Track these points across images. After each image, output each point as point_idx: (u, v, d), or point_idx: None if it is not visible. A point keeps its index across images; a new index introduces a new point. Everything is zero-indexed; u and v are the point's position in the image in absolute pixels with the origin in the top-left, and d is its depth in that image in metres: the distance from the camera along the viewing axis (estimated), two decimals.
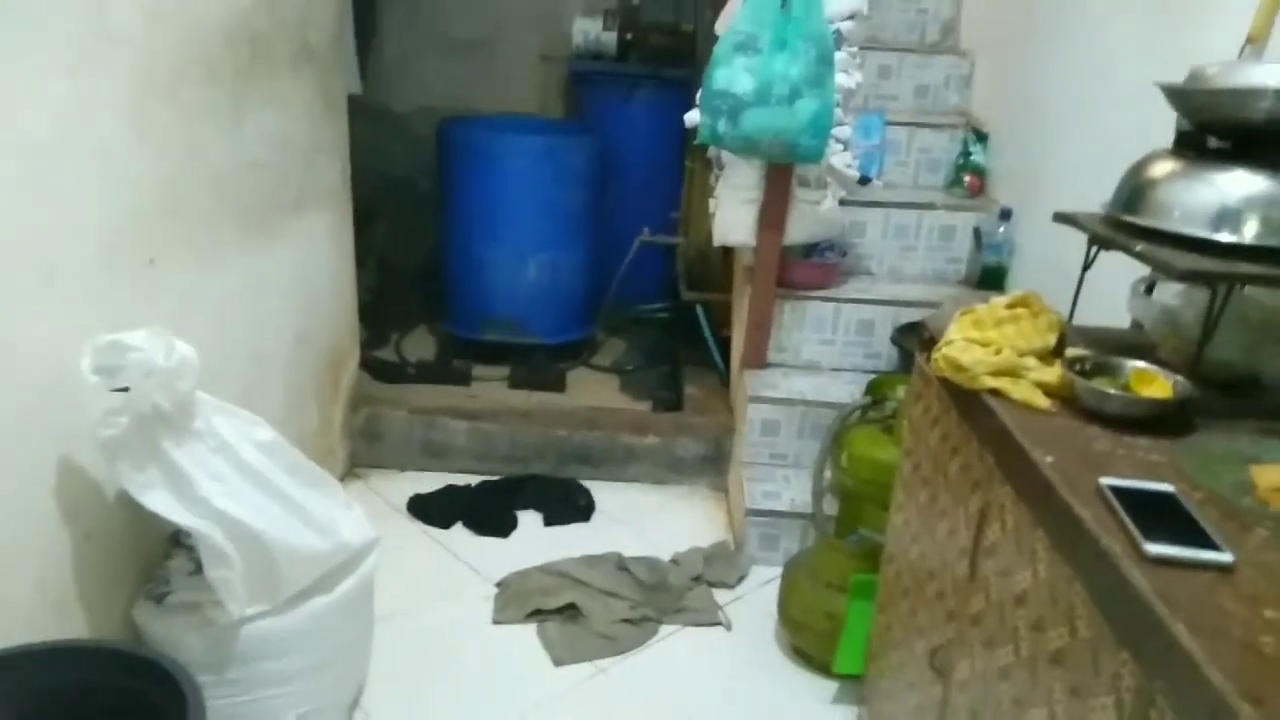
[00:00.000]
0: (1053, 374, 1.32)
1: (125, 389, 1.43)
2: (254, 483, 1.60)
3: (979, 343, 1.39)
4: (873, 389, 2.36)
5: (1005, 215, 2.76)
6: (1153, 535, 0.95)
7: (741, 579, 2.51)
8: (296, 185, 2.33)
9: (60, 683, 1.36)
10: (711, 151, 2.71)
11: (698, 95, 2.45)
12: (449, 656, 2.16)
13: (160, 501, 1.50)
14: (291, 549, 1.61)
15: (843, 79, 2.42)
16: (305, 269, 2.45)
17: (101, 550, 1.59)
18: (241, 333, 2.08)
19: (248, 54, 2.01)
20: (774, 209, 2.58)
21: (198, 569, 1.58)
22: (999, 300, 1.45)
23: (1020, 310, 1.41)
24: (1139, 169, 1.45)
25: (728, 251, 3.11)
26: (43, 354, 1.41)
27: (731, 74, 2.33)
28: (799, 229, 2.63)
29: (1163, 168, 1.42)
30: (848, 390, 2.63)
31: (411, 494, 2.79)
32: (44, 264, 1.40)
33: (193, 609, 1.60)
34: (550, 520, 2.73)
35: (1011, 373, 1.33)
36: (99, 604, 1.59)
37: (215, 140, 1.90)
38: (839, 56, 2.39)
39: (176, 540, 1.71)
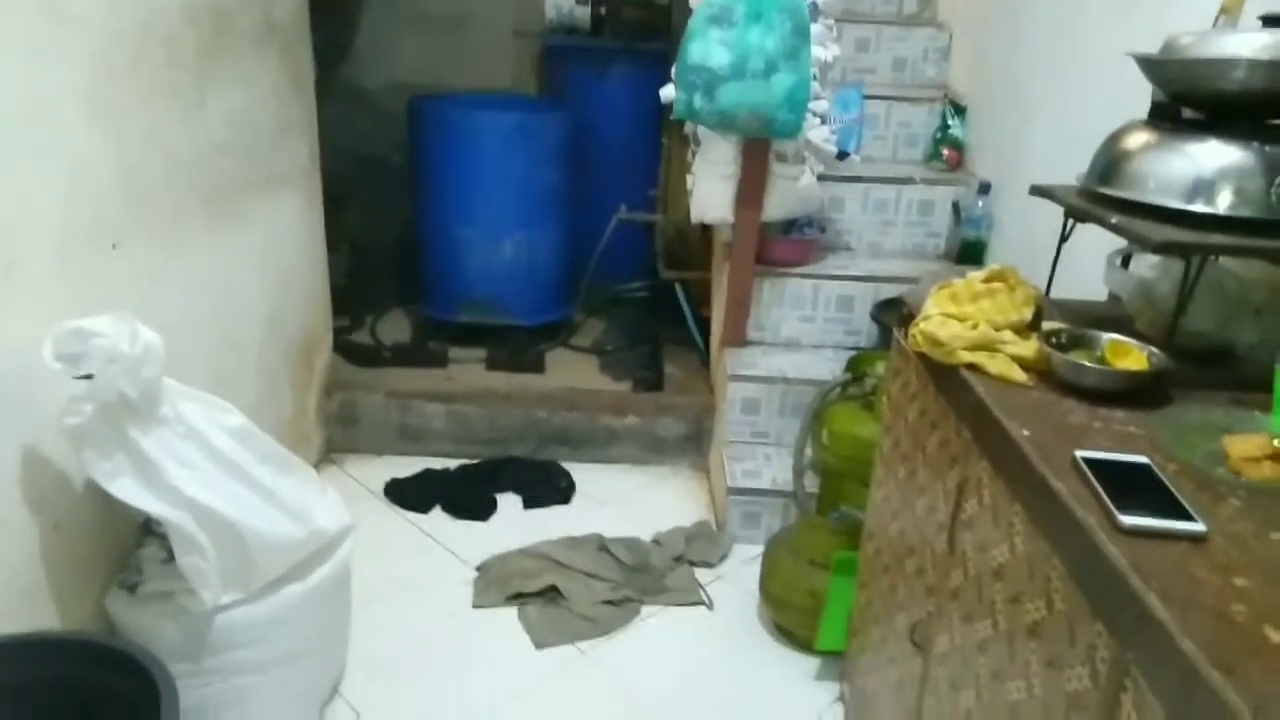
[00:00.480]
0: (1029, 348, 1.32)
1: (89, 376, 1.40)
2: (225, 469, 1.58)
3: (956, 317, 1.38)
4: (853, 365, 2.35)
5: (984, 189, 2.75)
6: (1127, 507, 0.96)
7: (723, 558, 2.51)
8: (264, 166, 2.29)
9: (31, 675, 1.34)
10: (688, 127, 2.68)
11: (673, 69, 2.42)
12: (429, 642, 2.15)
13: (128, 490, 1.47)
14: (265, 536, 1.59)
15: (819, 52, 2.39)
16: (275, 252, 2.41)
17: (71, 540, 1.56)
18: (210, 318, 2.05)
19: (210, 31, 1.96)
20: (751, 185, 2.57)
21: (170, 557, 1.56)
22: (976, 275, 1.44)
23: (997, 284, 1.40)
24: (1114, 140, 1.45)
25: (706, 229, 3.09)
26: (4, 343, 1.38)
27: (706, 47, 2.31)
28: (777, 205, 2.61)
29: (1138, 139, 1.41)
30: (828, 367, 2.62)
31: (389, 478, 2.77)
32: (4, 254, 1.37)
33: (166, 598, 1.59)
34: (530, 503, 2.72)
35: (988, 347, 1.33)
36: (70, 594, 1.57)
37: (178, 122, 1.86)
38: (815, 29, 2.37)
39: (148, 529, 1.68)
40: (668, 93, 2.46)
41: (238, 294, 2.19)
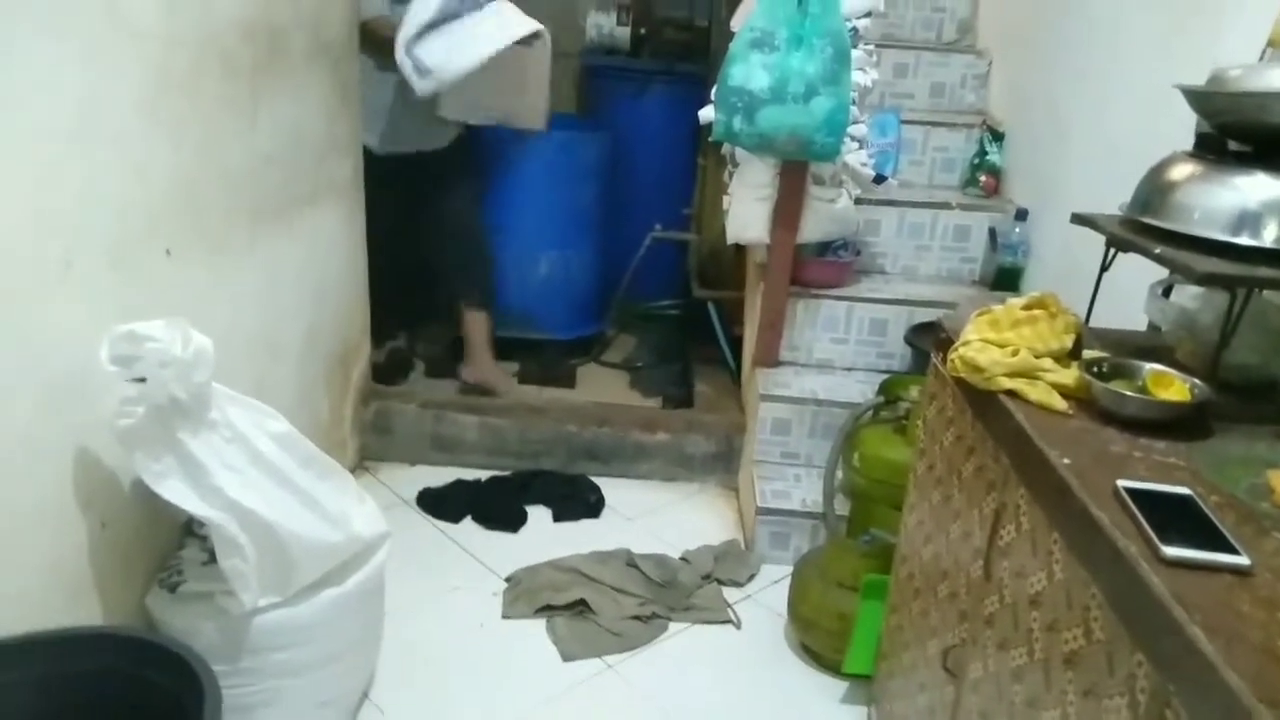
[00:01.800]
0: (1070, 376, 1.32)
1: (142, 379, 1.44)
2: (267, 474, 1.61)
3: (996, 344, 1.38)
4: (885, 389, 2.35)
5: (1021, 216, 2.75)
6: (1170, 538, 0.95)
7: (752, 577, 2.51)
8: (310, 180, 2.34)
9: (77, 668, 1.37)
10: (725, 148, 2.70)
11: (712, 91, 2.45)
12: (458, 650, 2.17)
13: (175, 491, 1.50)
14: (304, 540, 1.62)
15: (859, 77, 2.41)
16: (318, 263, 2.45)
17: (117, 539, 1.60)
18: (255, 325, 2.09)
19: (266, 48, 2.01)
20: (788, 207, 2.58)
21: (211, 559, 1.58)
22: (1016, 301, 1.44)
23: (1037, 311, 1.41)
24: (1158, 171, 1.45)
25: (740, 249, 3.10)
26: (61, 344, 1.42)
27: (747, 70, 2.33)
28: (813, 227, 2.62)
29: (1182, 170, 1.41)
30: (860, 390, 2.63)
31: (421, 488, 2.79)
32: (61, 254, 1.41)
33: (205, 598, 1.61)
34: (559, 516, 2.73)
35: (1028, 374, 1.33)
36: (113, 592, 1.60)
37: (232, 134, 1.90)
38: (855, 54, 2.39)
39: (190, 530, 1.72)
40: (706, 114, 2.48)
41: (281, 303, 2.23)
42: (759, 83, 2.32)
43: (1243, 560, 0.93)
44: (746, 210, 2.64)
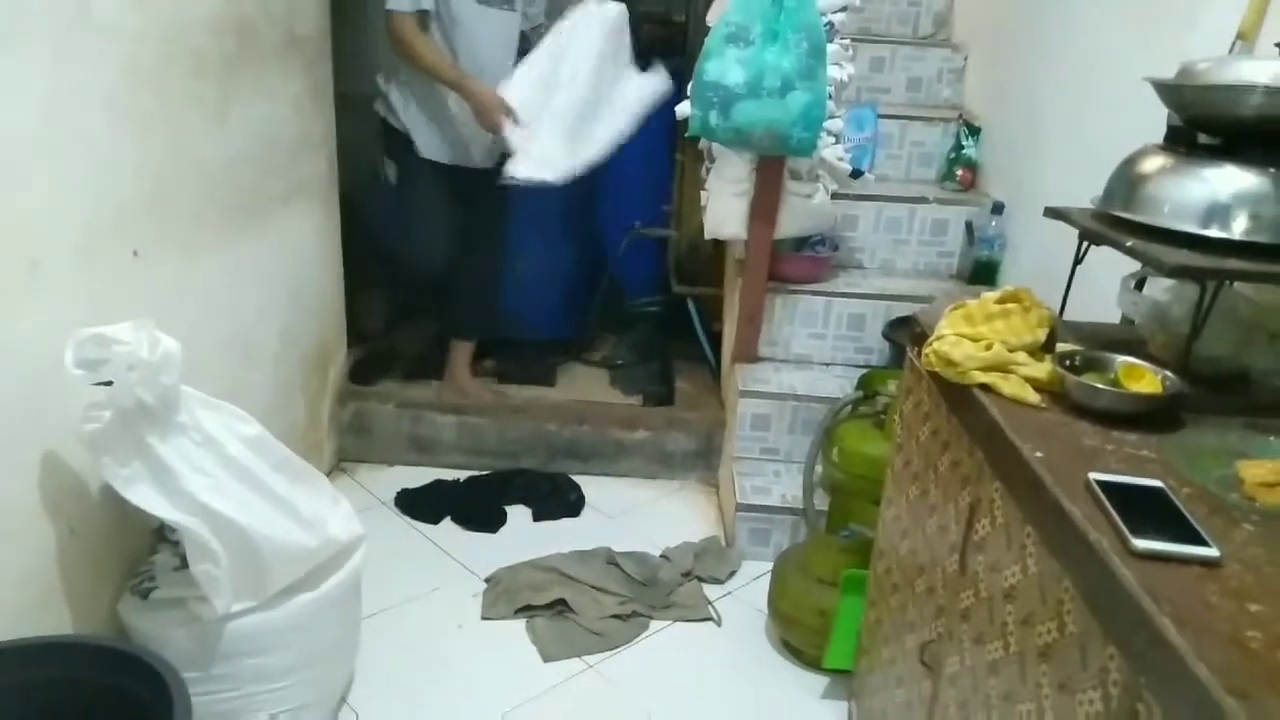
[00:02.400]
0: (1043, 369, 1.32)
1: (109, 383, 1.42)
2: (239, 477, 1.59)
3: (969, 338, 1.38)
4: (864, 383, 2.36)
5: (998, 209, 2.76)
6: (1141, 530, 0.96)
7: (732, 574, 2.51)
8: (283, 178, 2.32)
9: (46, 678, 1.36)
10: (703, 144, 2.69)
11: (689, 87, 2.44)
12: (437, 653, 2.15)
13: (144, 496, 1.48)
14: (278, 544, 1.60)
15: (835, 71, 2.41)
16: (292, 263, 2.43)
17: (86, 545, 1.58)
18: (227, 327, 2.06)
19: (235, 44, 1.99)
20: (765, 202, 2.58)
21: (183, 564, 1.57)
22: (990, 295, 1.44)
23: (1011, 305, 1.41)
24: (1130, 164, 1.45)
25: (719, 245, 3.10)
26: (26, 347, 1.40)
27: (723, 66, 2.33)
28: (790, 222, 2.62)
29: (1153, 163, 1.42)
30: (839, 385, 2.63)
31: (399, 489, 2.78)
32: (26, 256, 1.39)
33: (178, 604, 1.59)
34: (539, 515, 2.72)
35: (1002, 368, 1.33)
36: (84, 599, 1.58)
37: (201, 132, 1.88)
38: (831, 49, 2.38)
39: (162, 535, 1.70)
40: (683, 109, 2.47)
41: (254, 303, 2.21)
42: (734, 78, 2.32)
43: (1212, 552, 0.93)
44: (724, 206, 2.63)
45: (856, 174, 2.71)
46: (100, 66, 1.53)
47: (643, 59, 3.53)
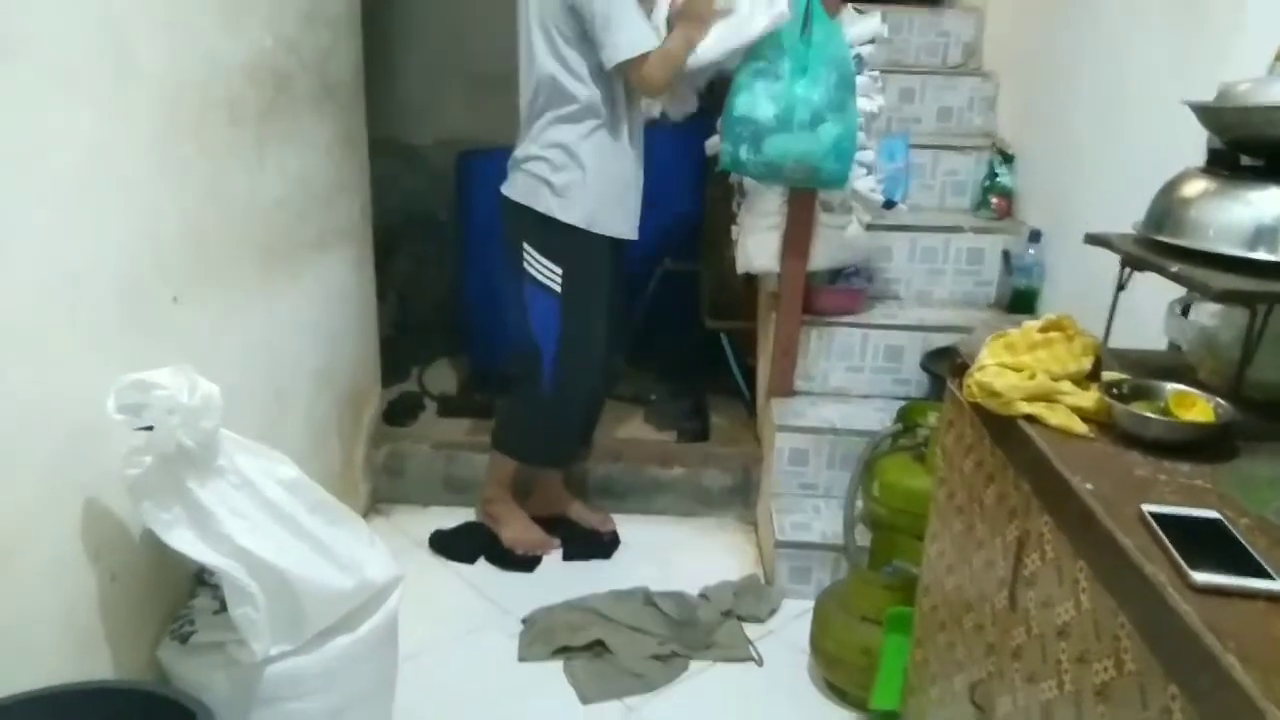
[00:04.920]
0: (1089, 399, 1.29)
1: (149, 428, 1.43)
2: (277, 520, 1.59)
3: (1012, 367, 1.35)
4: (903, 416, 2.32)
5: (1035, 237, 2.73)
6: (1199, 563, 0.93)
7: (773, 613, 2.46)
8: (317, 223, 2.35)
9: None
10: (734, 178, 2.70)
11: (719, 122, 2.45)
12: (475, 694, 2.13)
13: (184, 540, 1.49)
14: (315, 587, 1.60)
15: (865, 103, 2.41)
16: (327, 306, 2.45)
17: (127, 590, 1.58)
18: (263, 371, 2.08)
19: (271, 91, 2.03)
20: (798, 235, 2.57)
21: (222, 608, 1.56)
22: (1032, 324, 1.42)
23: (1054, 334, 1.38)
24: (1171, 188, 1.43)
25: (751, 279, 3.08)
26: (67, 394, 1.41)
27: (753, 100, 2.33)
28: (824, 254, 2.61)
29: (1195, 186, 1.39)
30: (877, 418, 2.59)
31: (434, 530, 2.77)
32: (68, 301, 1.41)
33: (217, 648, 1.59)
34: (569, 555, 2.70)
35: (1047, 398, 1.30)
36: (124, 644, 1.58)
37: (238, 179, 1.91)
38: (861, 81, 2.38)
39: (201, 579, 1.70)
40: (713, 144, 2.48)
41: (290, 347, 2.23)
42: (765, 111, 2.32)
43: (1277, 585, 0.90)
44: (756, 240, 2.63)
45: (889, 204, 2.69)
46: (141, 115, 1.56)
47: None
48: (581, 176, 2.33)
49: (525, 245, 2.41)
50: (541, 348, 2.47)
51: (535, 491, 2.78)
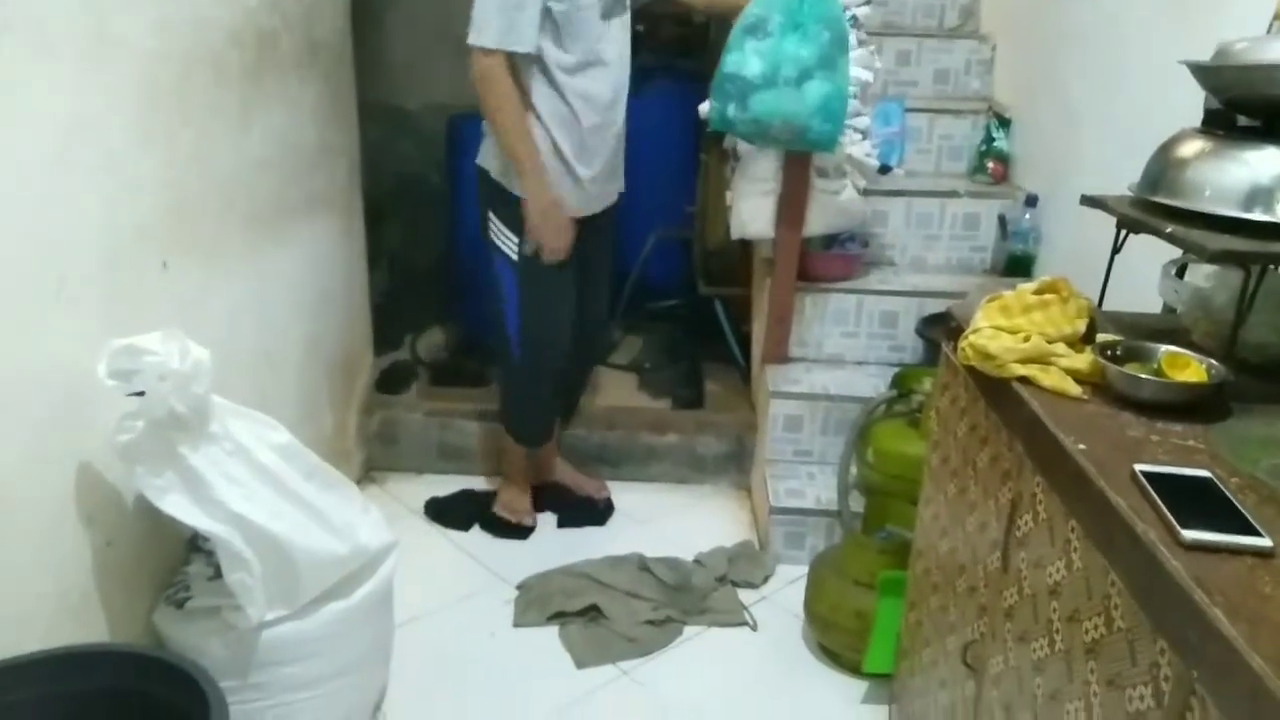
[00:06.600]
0: (1083, 360, 1.29)
1: (141, 393, 1.42)
2: (271, 486, 1.59)
3: (1007, 330, 1.35)
4: (898, 382, 2.32)
5: (1031, 202, 2.72)
6: (1190, 521, 0.93)
7: (767, 578, 2.48)
8: (305, 186, 2.32)
9: (85, 687, 1.35)
10: (728, 142, 2.67)
11: (711, 85, 2.42)
12: (470, 660, 2.14)
13: (178, 506, 1.49)
14: (310, 552, 1.60)
15: (861, 74, 2.37)
16: (316, 271, 2.43)
17: (121, 556, 1.58)
18: (253, 336, 2.07)
19: (254, 53, 2.00)
20: (793, 200, 2.55)
21: (217, 574, 1.57)
22: (1026, 286, 1.41)
23: (1049, 296, 1.38)
24: (1168, 149, 1.42)
25: (745, 245, 3.07)
26: (58, 361, 1.40)
27: (741, 57, 2.30)
28: (819, 220, 2.59)
29: (1192, 147, 1.38)
30: (872, 384, 2.59)
31: (428, 497, 2.77)
32: (55, 271, 1.39)
33: (212, 614, 1.60)
34: (564, 523, 2.70)
35: (1041, 360, 1.30)
36: (120, 610, 1.58)
37: (223, 142, 1.89)
38: (858, 53, 2.35)
39: (195, 545, 1.70)
40: (706, 108, 2.45)
41: (279, 312, 2.21)
42: (752, 69, 2.29)
43: (1265, 542, 0.91)
44: (750, 205, 2.61)
45: (885, 169, 2.67)
46: (122, 80, 1.54)
47: (663, 59, 3.52)
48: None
49: (489, 213, 2.36)
50: (507, 318, 2.46)
51: (529, 458, 2.78)
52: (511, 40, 2.12)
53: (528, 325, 2.44)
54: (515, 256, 2.36)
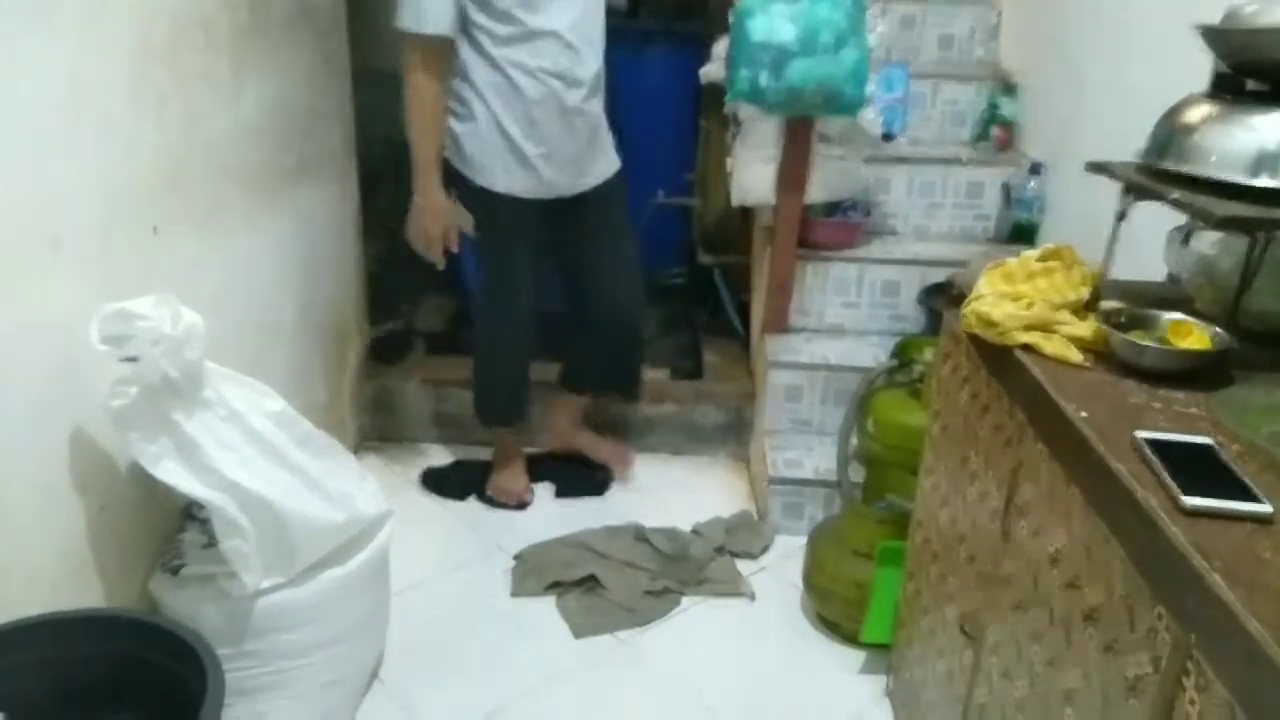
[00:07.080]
0: (1087, 328, 1.28)
1: (134, 358, 1.41)
2: (265, 453, 1.58)
3: (1010, 297, 1.34)
4: (899, 351, 2.31)
5: (1035, 170, 2.69)
6: (1190, 488, 0.93)
7: (765, 549, 2.47)
8: (297, 152, 2.29)
9: (80, 652, 1.35)
10: (728, 108, 2.64)
11: (714, 50, 2.38)
12: (467, 629, 2.15)
13: (172, 472, 1.48)
14: (305, 520, 1.59)
15: (868, 37, 2.34)
16: (309, 237, 2.41)
17: (116, 522, 1.57)
18: (245, 303, 2.05)
19: (246, 14, 1.96)
20: (794, 167, 2.52)
21: (212, 541, 1.56)
22: (1030, 253, 1.40)
23: (1053, 263, 1.36)
24: (1174, 114, 1.39)
25: (746, 213, 3.05)
26: (51, 325, 1.39)
27: (770, 23, 2.25)
28: (820, 187, 2.56)
29: (1199, 112, 1.36)
30: (873, 354, 2.57)
31: (424, 467, 2.77)
32: (49, 234, 1.38)
33: (207, 581, 1.59)
34: (562, 493, 2.70)
35: (1044, 327, 1.29)
36: (116, 576, 1.58)
37: (215, 106, 1.86)
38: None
39: (190, 512, 1.70)
40: (707, 72, 2.42)
41: (272, 279, 2.19)
42: (785, 35, 2.25)
43: (1264, 508, 0.91)
44: (752, 172, 2.58)
45: (888, 136, 2.64)
46: (114, 44, 1.51)
47: (662, 23, 3.47)
48: (474, 126, 2.20)
49: (451, 188, 2.30)
50: (475, 295, 2.47)
51: (547, 425, 2.77)
52: (427, 23, 2.07)
53: (484, 306, 2.47)
54: (473, 235, 2.35)
